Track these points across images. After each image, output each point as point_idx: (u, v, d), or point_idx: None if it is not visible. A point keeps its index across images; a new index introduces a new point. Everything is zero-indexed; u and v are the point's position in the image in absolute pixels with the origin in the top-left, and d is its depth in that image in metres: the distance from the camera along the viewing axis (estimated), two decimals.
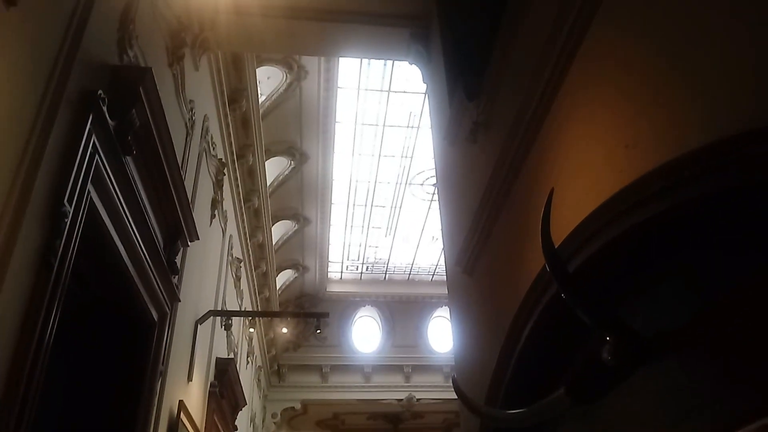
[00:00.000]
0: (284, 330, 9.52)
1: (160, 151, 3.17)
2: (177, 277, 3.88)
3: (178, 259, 3.86)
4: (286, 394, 12.04)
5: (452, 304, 3.86)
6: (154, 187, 3.24)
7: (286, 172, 8.58)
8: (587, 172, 1.84)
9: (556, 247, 1.64)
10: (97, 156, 2.48)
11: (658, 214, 1.49)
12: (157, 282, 3.38)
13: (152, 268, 3.26)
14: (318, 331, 5.68)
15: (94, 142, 2.45)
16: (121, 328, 3.39)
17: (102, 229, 2.65)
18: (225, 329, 5.47)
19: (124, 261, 2.93)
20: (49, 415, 3.15)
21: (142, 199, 3.06)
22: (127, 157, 2.84)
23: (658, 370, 1.70)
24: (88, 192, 2.41)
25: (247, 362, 8.31)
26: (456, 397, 3.82)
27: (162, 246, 3.49)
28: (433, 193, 9.69)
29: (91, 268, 2.95)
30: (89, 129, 2.41)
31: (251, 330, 7.53)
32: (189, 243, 3.94)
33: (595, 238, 1.65)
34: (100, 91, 2.52)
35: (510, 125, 2.59)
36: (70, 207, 2.25)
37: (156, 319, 3.50)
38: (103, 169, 2.54)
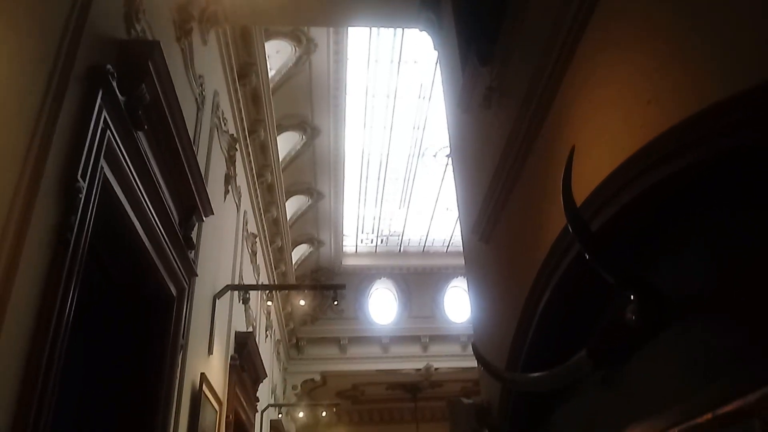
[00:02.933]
0: (302, 302, 9.57)
1: (172, 126, 3.15)
2: (194, 252, 3.90)
3: (194, 235, 3.87)
4: (306, 367, 12.21)
5: (469, 273, 3.84)
6: (166, 162, 3.23)
7: (299, 147, 8.54)
8: (607, 131, 1.79)
9: (578, 206, 1.60)
10: (108, 131, 2.46)
11: (680, 170, 1.44)
12: (174, 257, 3.39)
13: (169, 244, 3.27)
14: (335, 303, 5.69)
15: (105, 117, 2.43)
16: (140, 304, 3.42)
17: (117, 205, 2.65)
18: (243, 303, 5.51)
19: (140, 237, 2.94)
20: (70, 393, 3.20)
21: (155, 175, 3.05)
22: (139, 133, 2.82)
23: (681, 333, 1.67)
24: (101, 167, 2.40)
25: (266, 336, 8.41)
26: (474, 365, 3.84)
27: (177, 221, 3.50)
28: (447, 165, 9.62)
29: (108, 245, 2.96)
30: (99, 104, 2.39)
31: (269, 303, 7.59)
32: (204, 218, 3.94)
33: (616, 198, 1.61)
34: (109, 66, 2.49)
35: (525, 89, 2.53)
36: (84, 182, 2.24)
37: (174, 294, 3.53)
38: (115, 144, 2.52)
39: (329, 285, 8.85)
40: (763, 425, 2.04)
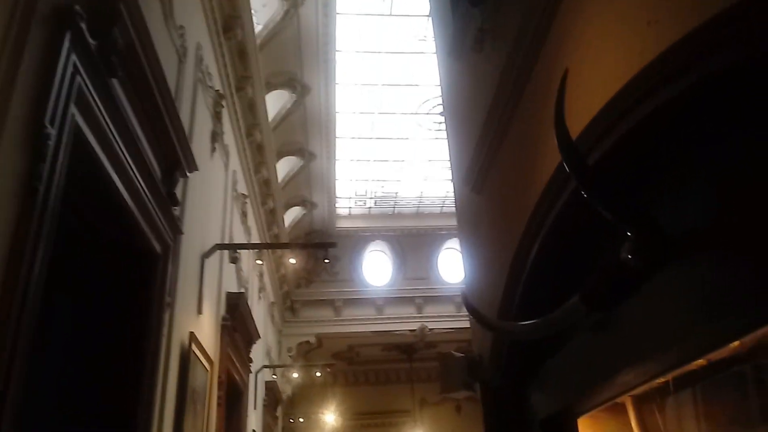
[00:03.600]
0: (292, 260, 9.51)
1: (148, 74, 3.01)
2: (178, 209, 3.79)
3: (178, 192, 3.76)
4: (301, 329, 12.26)
5: (461, 226, 3.76)
6: (145, 113, 3.10)
7: (288, 106, 8.37)
8: (604, 60, 1.68)
9: (573, 139, 1.50)
10: (78, 76, 2.33)
11: (679, 93, 1.34)
12: (157, 213, 3.29)
13: (150, 199, 3.16)
14: (326, 261, 5.63)
15: (74, 61, 2.30)
16: (124, 261, 3.33)
17: (92, 157, 2.53)
18: (232, 263, 5.44)
19: (120, 191, 2.83)
20: (55, 351, 3.14)
21: (133, 126, 2.92)
22: (113, 80, 2.69)
23: (677, 274, 1.59)
24: (72, 115, 2.28)
25: (259, 297, 8.38)
26: (468, 325, 3.80)
27: (159, 176, 3.38)
28: (440, 123, 9.46)
29: (87, 200, 2.85)
30: (68, 47, 2.25)
31: (258, 262, 7.52)
32: (188, 174, 3.83)
33: (613, 129, 1.51)
34: (77, 7, 2.34)
35: (518, 27, 2.40)
36: (53, 129, 2.12)
37: (159, 251, 3.44)
38: (86, 90, 2.39)
39: (319, 243, 8.80)
40: (755, 371, 1.99)
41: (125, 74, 2.82)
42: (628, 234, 1.53)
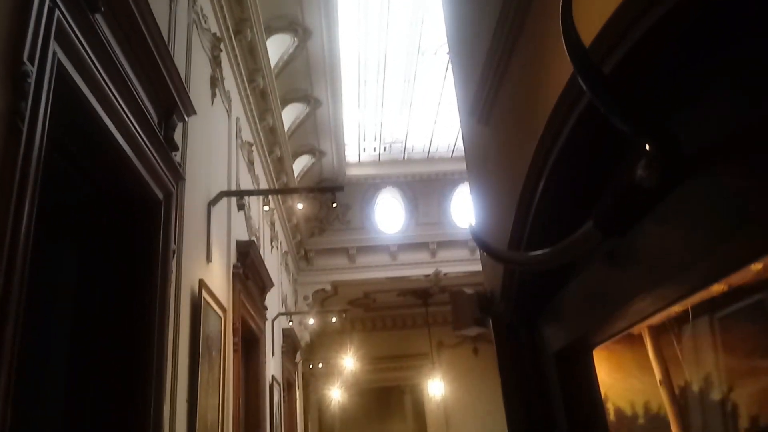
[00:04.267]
0: (299, 206, 9.44)
1: (134, 10, 2.86)
2: (179, 155, 3.70)
3: (177, 137, 3.66)
4: (316, 277, 12.34)
5: (469, 161, 3.64)
6: (134, 52, 2.97)
7: (291, 51, 8.12)
8: None
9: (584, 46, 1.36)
10: (57, 11, 2.20)
11: None
12: (155, 158, 3.20)
13: (147, 143, 3.07)
14: (335, 205, 5.55)
15: None
16: (126, 209, 3.27)
17: (78, 95, 2.42)
18: (239, 210, 5.38)
19: (112, 133, 2.73)
20: (63, 304, 3.13)
21: (122, 66, 2.80)
22: (96, 16, 2.55)
23: (697, 188, 1.48)
24: (53, 51, 2.16)
25: (272, 247, 8.38)
26: (481, 268, 3.72)
27: (156, 120, 3.28)
28: (448, 63, 9.18)
29: (79, 145, 2.77)
30: None
31: (265, 208, 7.47)
32: (186, 118, 3.72)
33: (630, 30, 1.37)
34: None
35: None
36: (33, 66, 2.02)
37: (161, 198, 3.37)
38: (66, 25, 2.26)
39: (327, 187, 8.71)
40: None
41: (110, 10, 2.68)
42: (645, 148, 1.41)
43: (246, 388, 6.12)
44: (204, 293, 4.03)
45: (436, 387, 14.34)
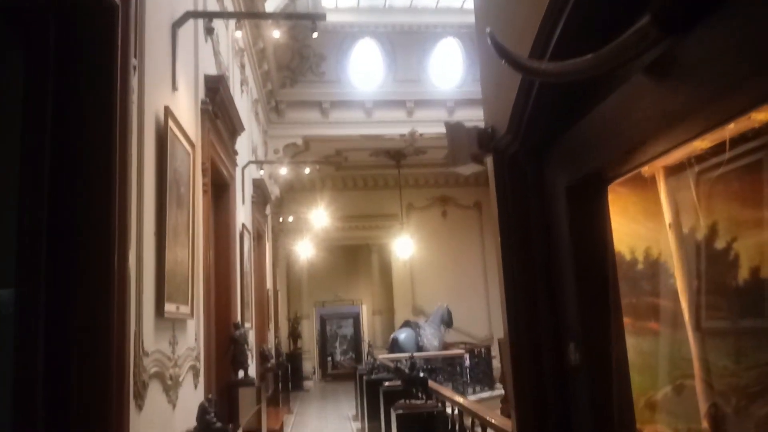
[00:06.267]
0: (275, 33, 8.75)
1: None
2: None
3: None
4: (287, 131, 11.92)
5: None
6: None
7: None
8: None
9: None
10: None
11: None
12: None
13: None
14: (315, 35, 5.04)
15: None
16: (80, 13, 2.79)
17: None
18: (207, 35, 4.84)
19: None
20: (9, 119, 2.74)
21: None
22: None
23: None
24: None
25: (242, 91, 7.85)
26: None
27: None
28: None
29: None
30: None
31: (237, 33, 6.86)
32: None
33: None
34: None
35: None
36: None
37: (118, 2, 2.88)
38: None
39: (306, 14, 8.04)
40: None
41: None
42: None
43: (216, 233, 5.95)
44: (171, 123, 3.65)
45: (403, 246, 14.60)
